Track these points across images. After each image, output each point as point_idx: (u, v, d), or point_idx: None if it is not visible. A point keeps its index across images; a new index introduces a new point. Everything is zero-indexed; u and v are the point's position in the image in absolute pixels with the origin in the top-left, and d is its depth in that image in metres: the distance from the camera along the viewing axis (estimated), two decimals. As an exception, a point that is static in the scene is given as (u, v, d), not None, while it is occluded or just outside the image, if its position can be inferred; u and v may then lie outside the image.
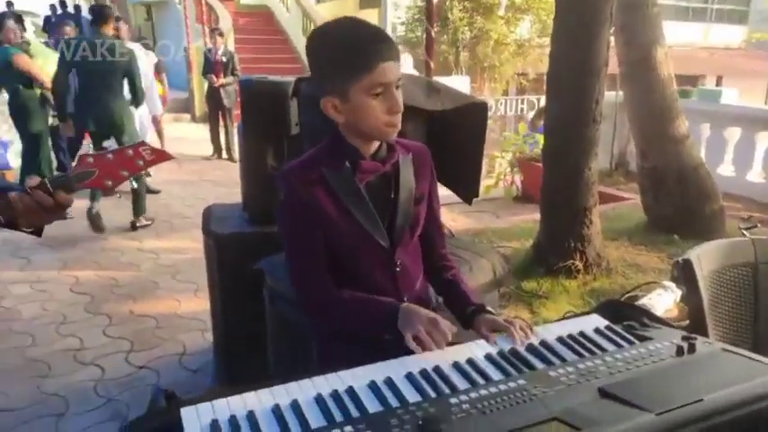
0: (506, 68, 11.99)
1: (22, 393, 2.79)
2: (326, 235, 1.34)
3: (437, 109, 2.30)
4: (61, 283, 4.08)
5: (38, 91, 5.27)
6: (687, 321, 2.20)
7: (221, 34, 8.53)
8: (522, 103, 9.86)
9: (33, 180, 1.21)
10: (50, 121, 5.68)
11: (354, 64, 1.20)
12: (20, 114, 5.29)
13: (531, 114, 8.43)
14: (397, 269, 1.40)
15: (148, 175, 5.84)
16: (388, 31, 5.76)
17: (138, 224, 5.30)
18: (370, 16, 14.46)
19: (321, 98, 1.29)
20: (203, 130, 8.81)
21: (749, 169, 6.39)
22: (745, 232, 2.44)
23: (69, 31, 6.29)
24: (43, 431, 2.53)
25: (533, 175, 6.17)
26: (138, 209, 5.30)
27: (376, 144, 1.35)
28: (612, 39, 4.89)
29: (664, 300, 3.18)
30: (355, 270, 1.39)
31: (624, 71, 4.90)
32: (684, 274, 1.96)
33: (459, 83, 8.01)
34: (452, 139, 2.39)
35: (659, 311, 3.12)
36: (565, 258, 3.75)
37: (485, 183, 7.02)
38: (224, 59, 8.21)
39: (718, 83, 16.08)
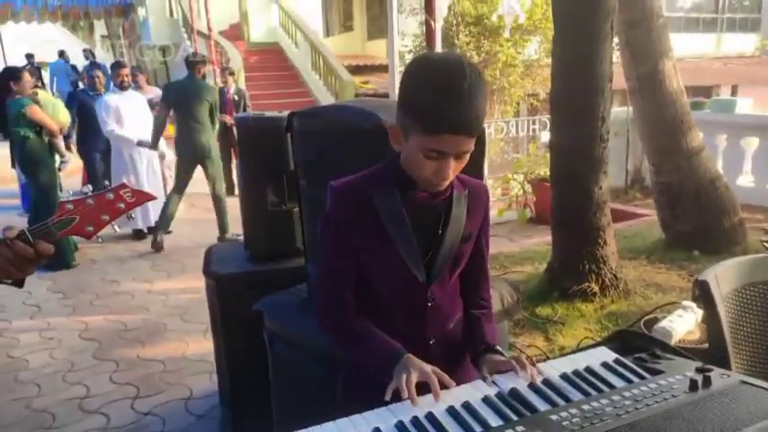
0: (516, 90, 11.96)
1: (25, 447, 2.74)
2: (362, 257, 1.30)
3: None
4: (70, 330, 4.05)
5: (46, 139, 5.37)
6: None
7: (232, 73, 8.64)
8: (534, 123, 9.80)
9: (12, 231, 1.17)
10: (57, 164, 5.80)
11: (422, 121, 1.14)
12: (29, 164, 5.36)
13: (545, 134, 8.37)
14: (429, 304, 1.33)
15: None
16: (395, 60, 5.77)
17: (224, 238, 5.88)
18: (378, 47, 14.59)
19: (392, 121, 1.26)
20: (216, 169, 8.83)
21: (769, 179, 6.22)
22: (766, 246, 2.31)
23: (101, 76, 6.72)
24: (43, 487, 2.46)
25: (546, 196, 6.06)
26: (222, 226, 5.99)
27: None
28: (618, 54, 4.84)
29: (684, 321, 3.05)
30: (384, 299, 1.34)
31: (632, 86, 4.81)
32: (702, 296, 1.84)
33: (468, 107, 7.96)
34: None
35: (680, 333, 2.99)
36: (579, 281, 3.62)
37: (498, 206, 6.94)
38: (236, 98, 8.30)
39: (734, 92, 15.86)
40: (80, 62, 14.68)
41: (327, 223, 1.32)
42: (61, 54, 14.54)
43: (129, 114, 6.00)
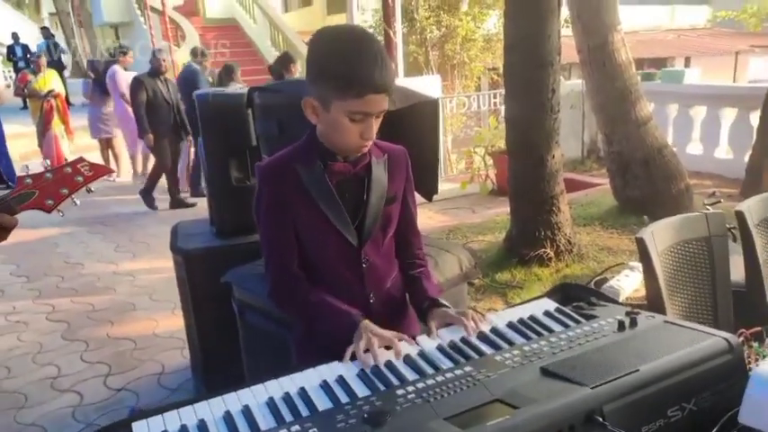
0: (476, 64, 12.06)
1: (-2, 426, 2.78)
2: (297, 229, 1.38)
3: (389, 109, 2.32)
4: (37, 313, 4.06)
5: None
6: (650, 299, 2.24)
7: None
8: (495, 97, 9.92)
9: None
10: None
11: (345, 86, 1.21)
12: None
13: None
14: (364, 265, 1.42)
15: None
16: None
17: None
18: (338, 22, 14.47)
19: (305, 96, 1.30)
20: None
21: (716, 146, 6.50)
22: (708, 207, 2.48)
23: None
24: (21, 461, 2.52)
25: (506, 168, 6.23)
26: None
27: None
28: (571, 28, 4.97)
29: (631, 280, 3.26)
30: (323, 264, 1.42)
31: (583, 58, 4.96)
32: (640, 252, 1.99)
33: (430, 82, 8.04)
34: (407, 137, 2.41)
35: (627, 291, 3.19)
36: (536, 247, 3.79)
37: (461, 179, 7.09)
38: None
39: (687, 64, 16.29)
40: (33, 41, 14.20)
41: (260, 204, 1.38)
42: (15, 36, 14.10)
43: None
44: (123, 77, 7.54)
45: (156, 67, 6.41)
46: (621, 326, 1.26)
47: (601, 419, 1.00)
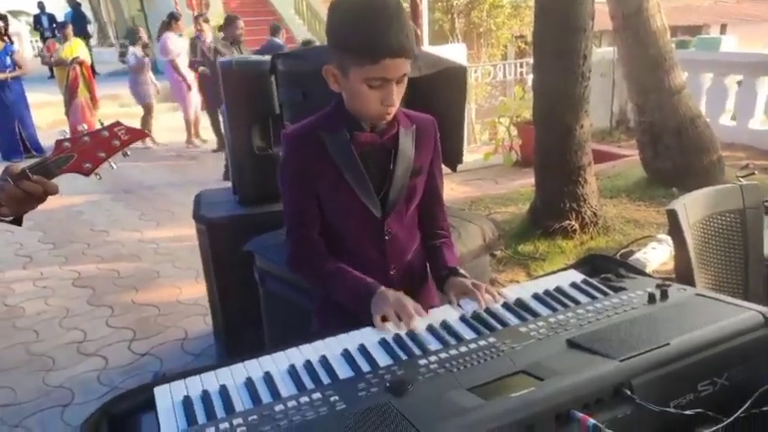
0: (503, 32, 11.78)
1: (28, 387, 2.85)
2: (320, 198, 1.36)
3: (415, 75, 2.27)
4: (63, 279, 4.13)
5: None
6: (680, 272, 2.18)
7: (206, 20, 8.41)
8: (521, 66, 9.69)
9: (14, 169, 1.19)
10: None
11: (361, 51, 1.18)
12: None
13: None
14: (386, 237, 1.40)
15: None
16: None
17: None
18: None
19: (326, 64, 1.27)
20: (202, 119, 8.65)
21: (751, 117, 6.28)
22: (741, 179, 2.39)
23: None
24: (49, 422, 2.59)
25: (532, 139, 6.10)
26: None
27: None
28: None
29: (658, 253, 3.19)
30: (345, 234, 1.40)
31: (617, 25, 4.79)
32: (671, 224, 1.93)
33: (456, 50, 7.87)
34: (432, 104, 2.36)
35: (654, 264, 3.12)
36: (560, 219, 3.73)
37: (484, 150, 6.99)
38: (212, 46, 8.07)
39: (723, 31, 15.73)
40: (59, 10, 14.25)
41: (285, 172, 1.36)
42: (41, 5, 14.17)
43: None
44: (174, 44, 7.67)
45: (237, 36, 6.31)
46: (652, 298, 1.22)
47: (629, 392, 0.97)
